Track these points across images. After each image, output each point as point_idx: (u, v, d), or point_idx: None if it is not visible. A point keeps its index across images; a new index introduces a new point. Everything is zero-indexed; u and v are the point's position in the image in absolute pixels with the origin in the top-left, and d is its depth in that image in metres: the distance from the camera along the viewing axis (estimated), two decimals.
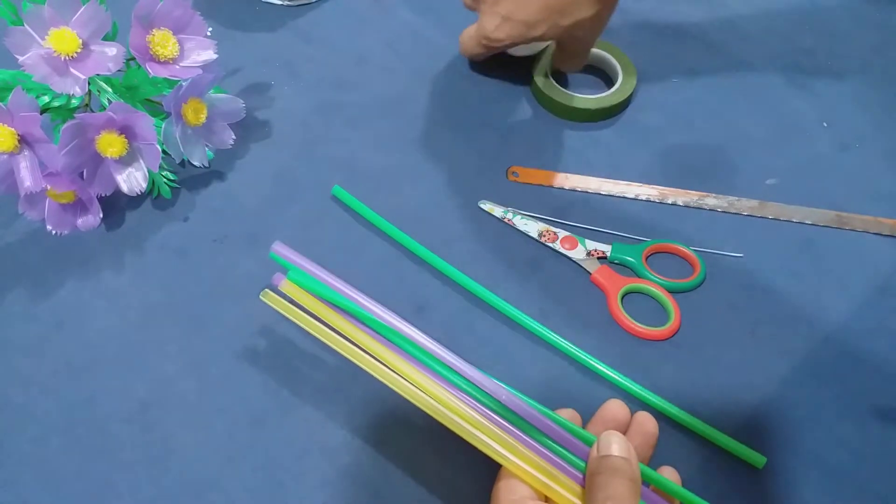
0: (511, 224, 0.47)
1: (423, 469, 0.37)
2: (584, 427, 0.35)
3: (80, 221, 0.44)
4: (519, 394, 0.33)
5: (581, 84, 0.57)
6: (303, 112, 0.54)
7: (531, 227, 0.47)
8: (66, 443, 0.37)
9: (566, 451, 0.33)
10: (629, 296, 0.44)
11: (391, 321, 0.35)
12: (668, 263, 0.46)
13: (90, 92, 0.45)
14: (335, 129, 0.53)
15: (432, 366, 0.34)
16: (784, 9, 0.65)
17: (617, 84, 0.55)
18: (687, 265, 0.46)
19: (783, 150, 0.53)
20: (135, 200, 0.48)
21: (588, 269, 0.45)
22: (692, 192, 0.50)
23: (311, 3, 0.63)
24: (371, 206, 0.47)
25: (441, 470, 0.37)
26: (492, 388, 0.33)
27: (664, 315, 0.43)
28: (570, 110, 0.53)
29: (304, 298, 0.35)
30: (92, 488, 0.36)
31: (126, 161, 0.44)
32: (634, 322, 0.42)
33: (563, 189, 0.50)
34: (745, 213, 0.49)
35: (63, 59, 0.41)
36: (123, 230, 0.46)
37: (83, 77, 0.41)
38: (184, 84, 0.44)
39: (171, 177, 0.48)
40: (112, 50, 0.42)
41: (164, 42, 0.44)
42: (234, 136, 0.49)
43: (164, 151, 0.46)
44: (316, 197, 0.49)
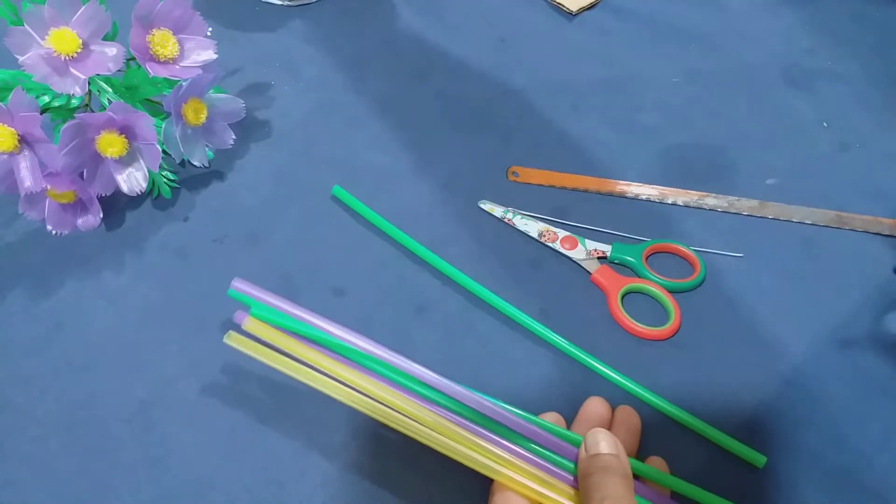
0: (511, 224, 0.47)
1: (424, 469, 0.37)
2: (568, 428, 0.35)
3: (80, 221, 0.44)
4: (500, 402, 0.33)
5: None
6: (303, 112, 0.54)
7: (531, 226, 0.47)
8: (66, 443, 0.37)
9: (555, 455, 0.33)
10: (629, 296, 0.44)
11: (363, 345, 0.34)
12: (668, 263, 0.46)
13: (90, 92, 0.45)
14: (335, 129, 0.53)
15: (408, 385, 0.33)
16: (784, 9, 0.65)
17: None
18: (687, 265, 0.46)
19: (783, 150, 0.53)
20: (135, 200, 0.48)
21: (588, 269, 0.45)
22: (692, 192, 0.50)
23: (311, 3, 0.63)
24: (371, 206, 0.47)
25: (441, 470, 0.37)
26: (471, 398, 0.33)
27: (664, 315, 0.43)
28: None
29: (270, 334, 0.34)
30: (92, 488, 0.36)
31: (126, 161, 0.44)
32: (634, 322, 0.42)
33: (563, 189, 0.50)
34: (745, 213, 0.49)
35: (63, 59, 0.41)
36: (123, 230, 0.46)
37: (83, 77, 0.41)
38: (184, 84, 0.44)
39: (171, 177, 0.48)
40: (112, 50, 0.42)
41: (164, 42, 0.44)
42: (234, 136, 0.49)
43: (164, 151, 0.46)
44: (316, 197, 0.49)
